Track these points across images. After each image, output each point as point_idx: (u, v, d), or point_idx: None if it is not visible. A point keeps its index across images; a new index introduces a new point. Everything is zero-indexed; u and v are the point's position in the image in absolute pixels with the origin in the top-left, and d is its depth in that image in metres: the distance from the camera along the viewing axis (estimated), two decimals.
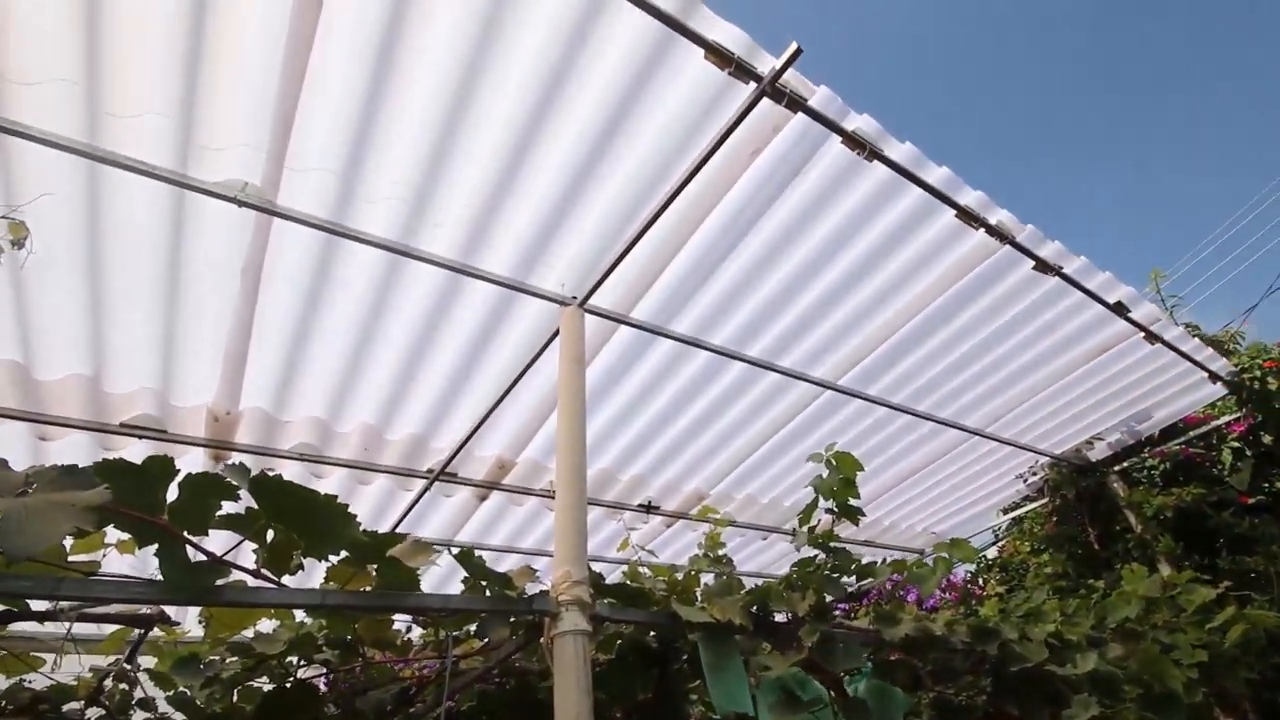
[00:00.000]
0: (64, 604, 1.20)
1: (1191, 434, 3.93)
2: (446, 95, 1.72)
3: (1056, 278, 2.66)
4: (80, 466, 0.97)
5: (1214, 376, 3.45)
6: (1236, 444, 3.87)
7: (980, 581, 4.82)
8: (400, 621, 1.87)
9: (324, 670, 1.71)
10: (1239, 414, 3.83)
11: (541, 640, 1.53)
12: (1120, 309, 2.88)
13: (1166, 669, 2.18)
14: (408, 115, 1.76)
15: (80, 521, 0.85)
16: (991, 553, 5.15)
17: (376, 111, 1.74)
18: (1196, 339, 3.27)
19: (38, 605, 1.25)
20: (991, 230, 2.40)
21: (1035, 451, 3.93)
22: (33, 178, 1.71)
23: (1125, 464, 4.08)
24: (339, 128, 1.75)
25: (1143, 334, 3.06)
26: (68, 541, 1.23)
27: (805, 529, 1.92)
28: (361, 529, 1.21)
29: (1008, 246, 2.48)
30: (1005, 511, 4.74)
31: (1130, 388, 3.49)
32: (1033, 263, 2.57)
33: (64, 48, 1.51)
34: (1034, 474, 4.21)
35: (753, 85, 1.78)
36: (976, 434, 3.61)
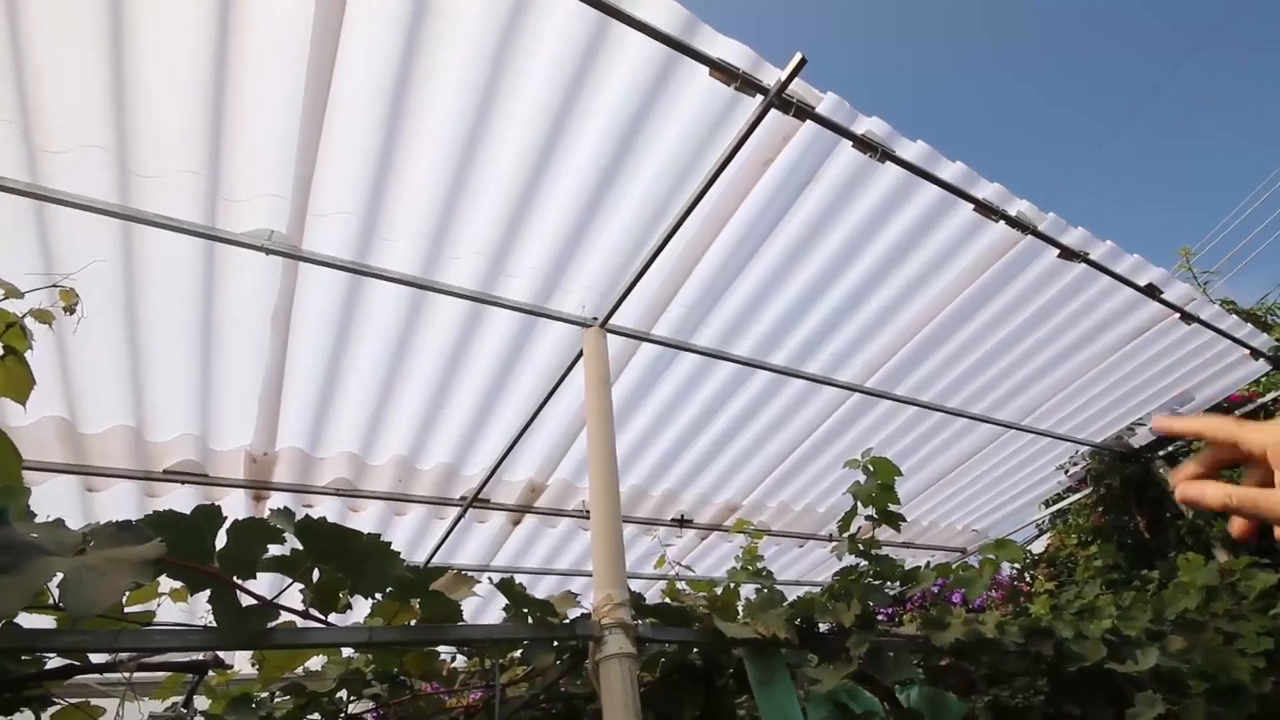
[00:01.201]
0: (123, 655, 1.23)
1: (1237, 413, 3.80)
2: (459, 133, 1.76)
3: (1083, 264, 2.61)
4: (133, 521, 1.00)
5: (1255, 353, 3.34)
6: None
7: (1027, 577, 4.69)
8: (445, 651, 1.88)
9: (374, 704, 1.73)
10: None
11: (586, 664, 1.53)
12: (1152, 291, 2.81)
13: (1231, 659, 2.10)
14: (422, 154, 1.80)
15: (138, 576, 0.87)
16: (1038, 546, 5.02)
17: (392, 153, 1.78)
18: (1234, 316, 3.17)
19: (97, 657, 1.28)
20: (1012, 221, 2.36)
21: (1074, 441, 3.83)
22: (69, 241, 1.79)
23: (1170, 448, 3.95)
24: (357, 171, 1.80)
25: (1177, 315, 2.98)
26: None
27: (845, 537, 1.90)
28: (404, 565, 1.23)
29: (1030, 236, 2.44)
30: (1047, 504, 4.62)
31: (1169, 370, 3.40)
32: (1057, 251, 2.52)
33: (92, 115, 1.57)
34: (1075, 464, 4.10)
35: (759, 98, 1.78)
36: (1012, 427, 3.53)
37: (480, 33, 1.60)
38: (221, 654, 1.48)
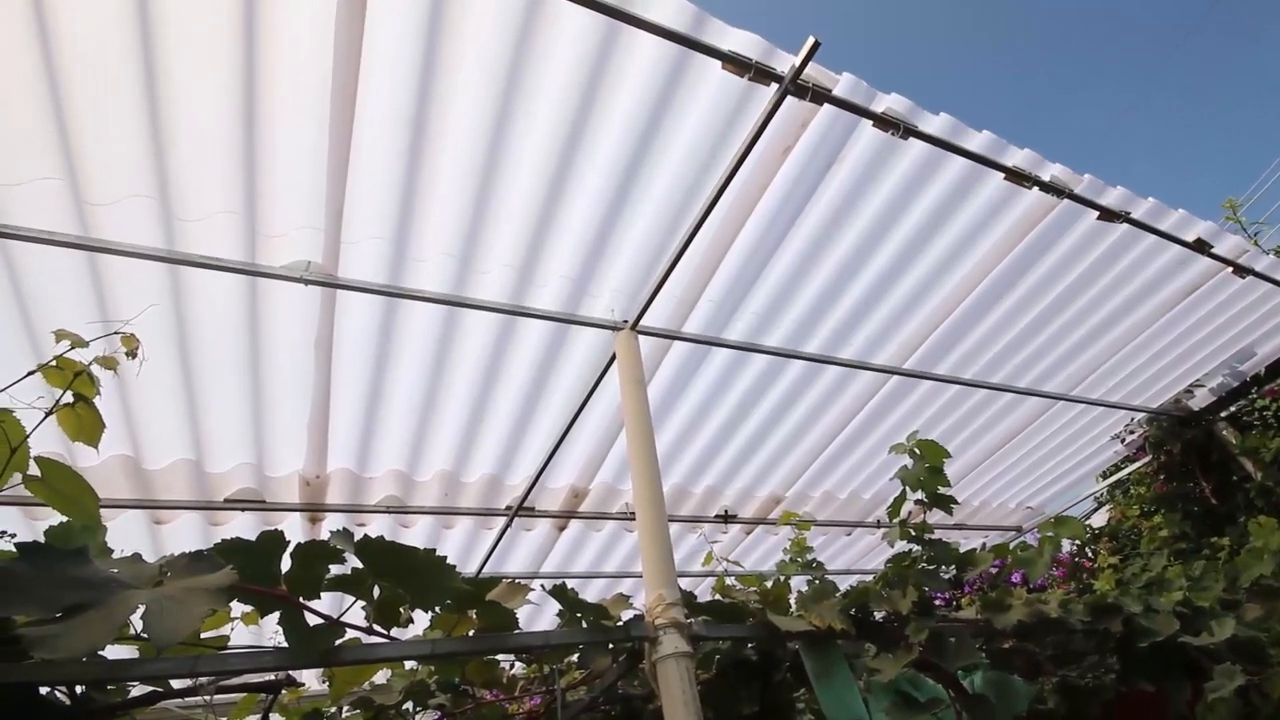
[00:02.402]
0: (202, 679, 1.29)
1: None
2: (479, 151, 1.79)
3: (1125, 224, 2.51)
4: (204, 551, 1.05)
5: None
6: None
7: (1089, 552, 4.54)
8: (504, 659, 1.92)
9: (439, 714, 1.77)
10: None
11: (643, 665, 1.54)
12: (1201, 246, 2.69)
13: None
14: (445, 175, 1.83)
15: (213, 603, 0.91)
16: (1098, 520, 4.85)
17: (416, 177, 1.82)
18: None
19: (178, 682, 1.34)
20: (1046, 186, 2.29)
21: (1129, 408, 3.69)
22: (122, 288, 1.87)
23: (1232, 408, 3.78)
24: (384, 198, 1.84)
25: (1230, 268, 2.85)
26: None
27: (896, 523, 1.87)
28: (460, 577, 1.25)
29: (1066, 200, 2.36)
30: (1104, 476, 4.46)
31: (1225, 327, 3.25)
32: (1096, 213, 2.44)
33: (134, 166, 1.65)
34: (1131, 432, 3.96)
35: (774, 86, 1.77)
36: (1061, 398, 3.42)
37: (493, 50, 1.62)
38: (293, 673, 1.54)
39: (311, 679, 2.52)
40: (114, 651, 1.15)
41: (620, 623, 1.55)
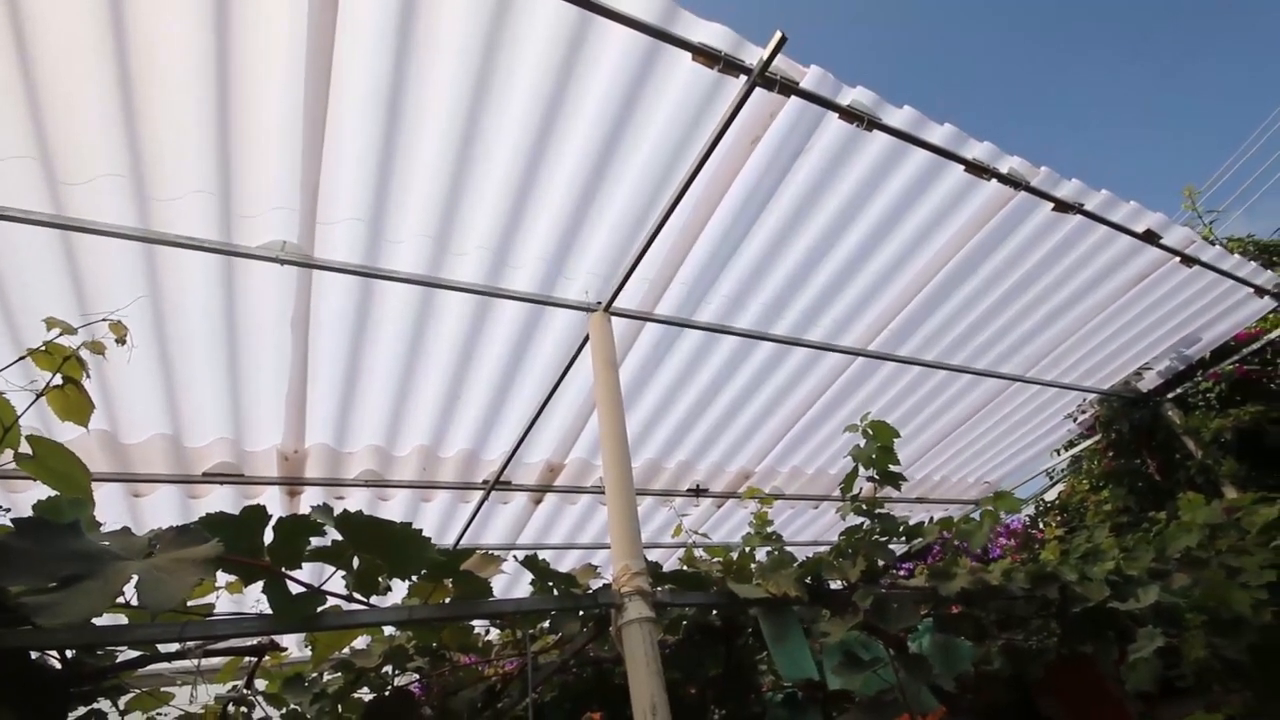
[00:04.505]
0: (190, 643, 1.36)
1: (1245, 351, 3.82)
2: (455, 135, 1.82)
3: (1079, 215, 2.63)
4: (190, 525, 1.11)
5: (1260, 290, 3.34)
6: None
7: (1040, 525, 4.78)
8: (479, 625, 2.01)
9: (417, 677, 1.87)
10: None
11: (610, 630, 1.65)
12: (1150, 236, 2.83)
13: (1231, 592, 2.18)
14: (421, 158, 1.86)
15: (201, 574, 0.98)
16: (1052, 494, 5.09)
17: (392, 159, 1.85)
18: (1237, 255, 3.17)
19: (166, 647, 1.41)
20: (1004, 179, 2.39)
21: (1081, 389, 3.87)
22: (97, 266, 1.89)
23: (1179, 390, 3.98)
24: (360, 179, 1.87)
25: (1178, 259, 2.99)
26: None
27: (849, 498, 1.99)
28: (436, 548, 1.33)
29: (1023, 192, 2.46)
30: (1059, 452, 4.67)
31: (1173, 313, 3.42)
32: (1051, 204, 2.55)
33: (108, 144, 1.66)
34: (1083, 412, 4.15)
35: (743, 78, 1.82)
36: (1017, 379, 3.58)
37: (466, 37, 1.65)
38: (276, 638, 1.61)
39: (293, 647, 2.60)
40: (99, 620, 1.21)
41: (589, 591, 1.65)
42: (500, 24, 1.65)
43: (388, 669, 1.77)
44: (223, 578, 1.36)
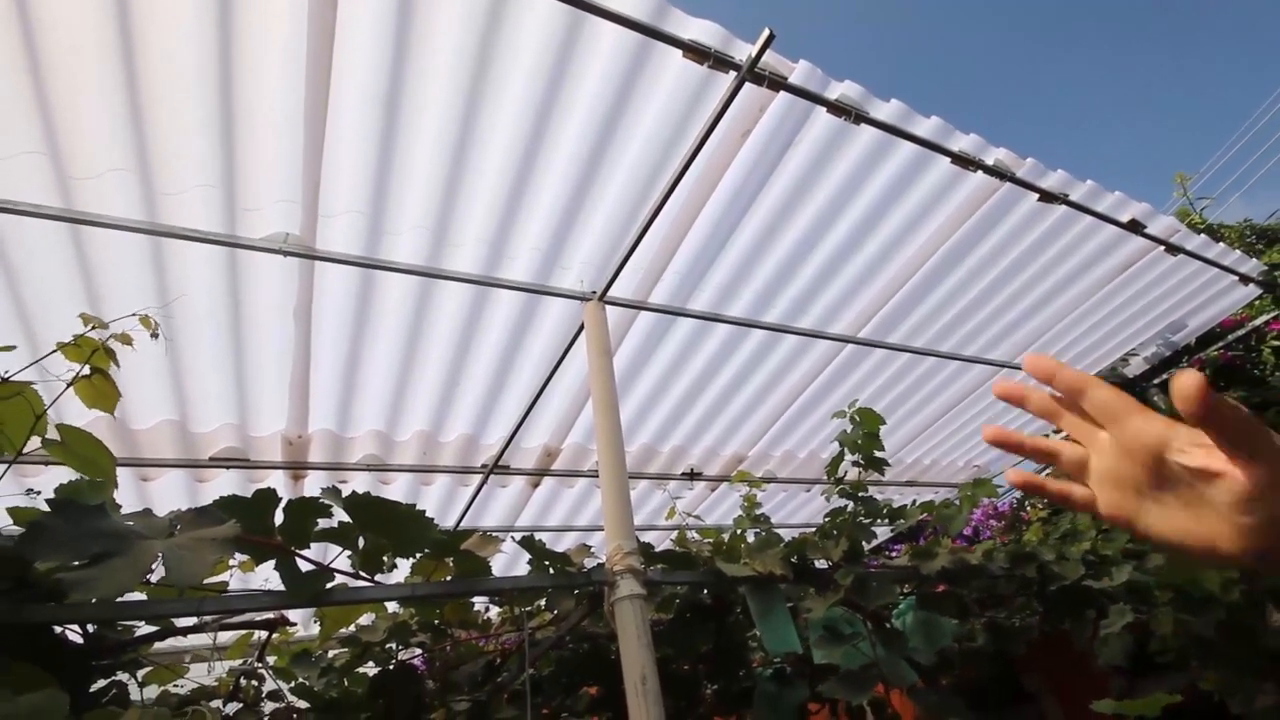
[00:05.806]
0: (206, 618, 1.44)
1: (1230, 337, 3.89)
2: (452, 131, 1.87)
3: (1064, 206, 2.68)
4: (208, 506, 1.19)
5: (1244, 278, 3.40)
6: (1277, 342, 3.82)
7: (1028, 506, 4.87)
8: (479, 603, 2.10)
9: (420, 652, 1.96)
10: (1277, 312, 3.76)
11: (604, 606, 1.73)
12: (1134, 226, 2.88)
13: (1200, 571, 2.27)
14: (419, 153, 1.91)
15: (221, 552, 1.05)
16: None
17: (391, 154, 1.90)
18: (1221, 244, 3.23)
19: (183, 622, 1.49)
20: (989, 170, 2.44)
21: None
22: (105, 260, 1.94)
23: (1164, 376, 4.06)
24: (360, 173, 1.92)
25: (1162, 247, 3.05)
26: None
27: (834, 481, 2.07)
28: (438, 529, 1.41)
29: (1009, 183, 2.52)
30: (1047, 436, 4.76)
31: (1159, 301, 3.48)
32: (1037, 195, 2.60)
33: (116, 141, 1.71)
34: None
35: (733, 74, 1.87)
36: (1005, 366, 3.65)
37: (462, 37, 1.69)
38: (286, 614, 1.70)
39: (301, 626, 2.70)
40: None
41: (584, 570, 1.74)
42: (495, 24, 1.69)
43: (392, 644, 1.86)
44: (236, 557, 1.45)
